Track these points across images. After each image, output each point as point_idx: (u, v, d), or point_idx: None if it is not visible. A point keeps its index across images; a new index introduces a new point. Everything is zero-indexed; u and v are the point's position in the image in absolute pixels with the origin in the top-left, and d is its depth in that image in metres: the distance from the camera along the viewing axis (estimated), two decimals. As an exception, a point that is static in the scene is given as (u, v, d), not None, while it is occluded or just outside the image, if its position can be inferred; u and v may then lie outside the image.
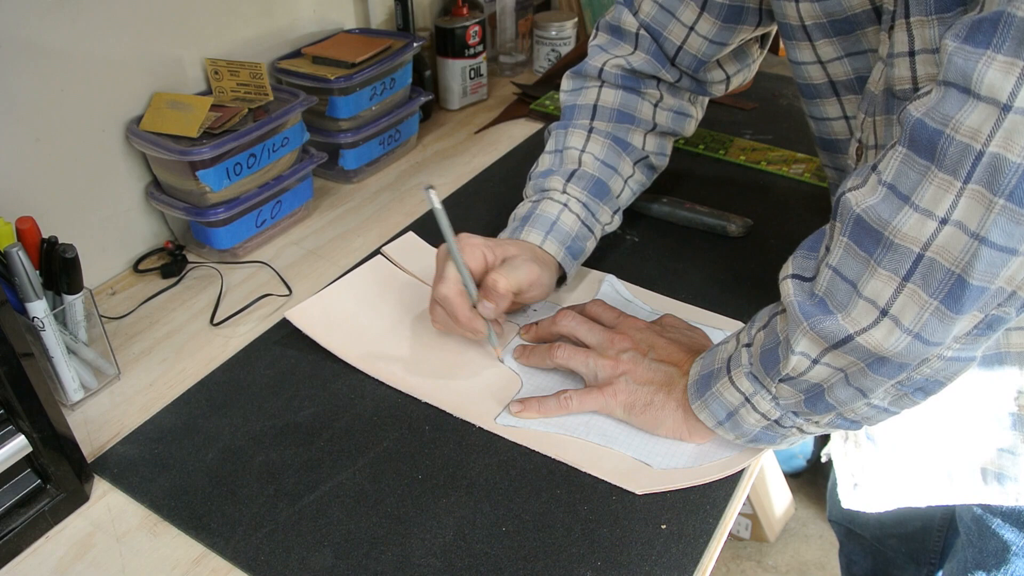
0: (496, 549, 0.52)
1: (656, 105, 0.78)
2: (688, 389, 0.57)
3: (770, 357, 0.50)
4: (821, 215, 0.77)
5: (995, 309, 0.40)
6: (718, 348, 0.57)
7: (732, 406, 0.54)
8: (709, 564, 0.52)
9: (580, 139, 0.75)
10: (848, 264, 0.44)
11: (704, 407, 0.55)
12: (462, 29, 1.09)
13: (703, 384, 0.56)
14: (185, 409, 0.63)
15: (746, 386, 0.52)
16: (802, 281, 0.48)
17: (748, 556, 1.50)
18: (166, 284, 0.79)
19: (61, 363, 0.62)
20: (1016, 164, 0.36)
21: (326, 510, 0.54)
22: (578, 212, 0.72)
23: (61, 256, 0.60)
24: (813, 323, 0.45)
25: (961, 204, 0.38)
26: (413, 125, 1.03)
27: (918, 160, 0.39)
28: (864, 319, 0.43)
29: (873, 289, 0.42)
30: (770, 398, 0.51)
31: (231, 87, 0.81)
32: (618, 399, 0.59)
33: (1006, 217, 0.37)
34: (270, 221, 0.84)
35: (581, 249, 0.72)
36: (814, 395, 0.49)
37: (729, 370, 0.54)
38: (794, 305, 0.47)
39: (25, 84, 0.68)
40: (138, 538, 0.54)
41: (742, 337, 0.54)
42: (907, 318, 0.41)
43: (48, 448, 0.53)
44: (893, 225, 0.41)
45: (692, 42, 0.73)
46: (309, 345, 0.68)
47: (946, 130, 0.38)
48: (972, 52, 0.37)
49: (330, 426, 0.61)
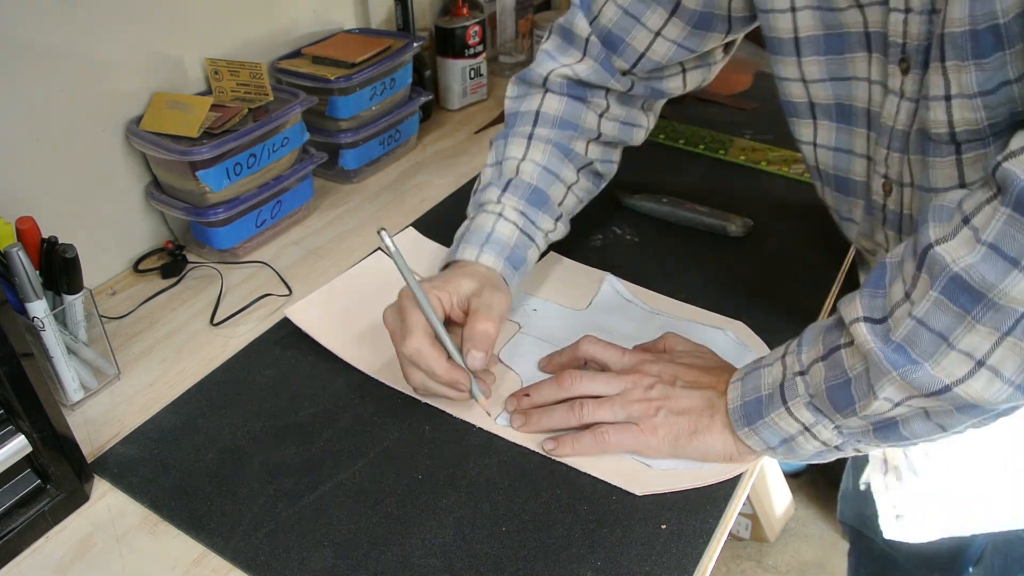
0: (496, 549, 0.52)
1: (601, 116, 0.75)
2: (731, 415, 0.55)
3: (841, 395, 0.48)
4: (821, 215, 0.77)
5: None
6: (760, 372, 0.55)
7: (788, 434, 0.52)
8: (709, 564, 0.52)
9: (520, 148, 0.72)
10: (937, 317, 0.42)
11: (753, 434, 0.54)
12: (462, 29, 1.09)
13: (752, 412, 0.54)
14: (185, 409, 0.63)
15: (806, 417, 0.51)
16: (874, 324, 0.46)
17: (748, 556, 1.50)
18: (166, 284, 0.79)
19: (61, 363, 0.62)
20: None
21: (326, 510, 0.54)
22: (515, 220, 0.68)
23: (61, 256, 0.60)
24: (904, 373, 0.44)
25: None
26: (413, 125, 1.03)
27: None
28: (958, 370, 0.42)
29: (969, 343, 0.42)
30: (833, 427, 0.51)
31: (231, 87, 0.81)
32: (659, 434, 0.56)
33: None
34: (270, 221, 0.84)
35: (522, 259, 0.67)
36: (887, 427, 0.48)
37: (785, 400, 0.52)
38: (877, 354, 0.45)
39: (25, 84, 0.68)
40: (138, 538, 0.54)
41: (790, 363, 0.53)
42: (1008, 369, 0.41)
43: (48, 448, 0.53)
44: (999, 288, 0.40)
45: (658, 48, 0.69)
46: (309, 345, 0.68)
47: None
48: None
49: (330, 426, 0.61)
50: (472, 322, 0.58)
